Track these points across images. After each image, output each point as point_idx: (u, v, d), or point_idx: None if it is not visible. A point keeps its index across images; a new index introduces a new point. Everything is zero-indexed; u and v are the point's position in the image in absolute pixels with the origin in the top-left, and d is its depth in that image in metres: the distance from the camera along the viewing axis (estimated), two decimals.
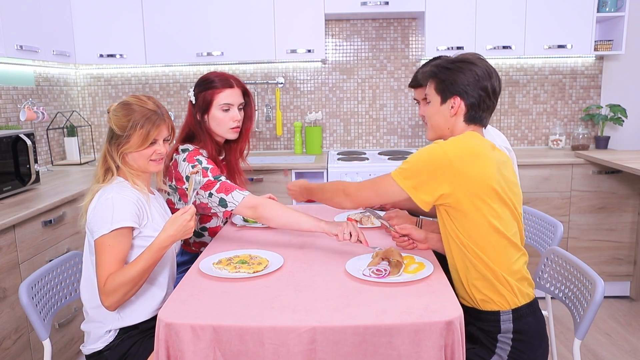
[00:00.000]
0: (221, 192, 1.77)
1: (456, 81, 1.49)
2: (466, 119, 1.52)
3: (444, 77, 1.52)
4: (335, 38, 3.57)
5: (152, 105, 1.57)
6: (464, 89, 1.49)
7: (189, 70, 3.57)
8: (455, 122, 1.53)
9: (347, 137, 3.68)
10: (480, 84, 1.48)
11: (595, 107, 3.52)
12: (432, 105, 1.57)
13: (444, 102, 1.53)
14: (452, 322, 1.20)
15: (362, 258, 1.59)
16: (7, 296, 1.92)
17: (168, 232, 1.47)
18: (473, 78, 1.48)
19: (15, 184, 2.30)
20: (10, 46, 2.43)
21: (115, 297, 1.43)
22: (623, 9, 3.16)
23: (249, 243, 1.82)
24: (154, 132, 1.54)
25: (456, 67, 1.50)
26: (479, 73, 1.48)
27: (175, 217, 1.49)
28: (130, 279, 1.42)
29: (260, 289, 1.40)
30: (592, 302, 1.41)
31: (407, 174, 1.45)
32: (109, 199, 1.49)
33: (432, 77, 1.56)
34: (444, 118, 1.54)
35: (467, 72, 1.48)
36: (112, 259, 1.44)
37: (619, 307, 3.09)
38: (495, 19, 3.14)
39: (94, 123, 3.66)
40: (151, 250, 1.46)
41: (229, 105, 1.93)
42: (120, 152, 1.55)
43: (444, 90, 1.52)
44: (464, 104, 1.50)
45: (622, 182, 3.06)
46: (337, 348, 1.19)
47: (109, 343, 1.55)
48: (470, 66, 1.49)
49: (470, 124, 1.53)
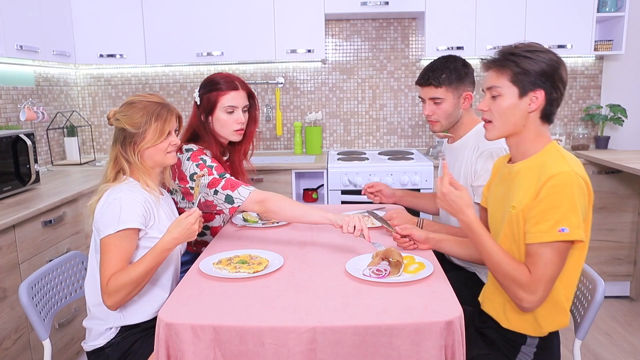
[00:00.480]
0: (227, 189, 1.78)
1: (539, 71, 1.34)
2: (542, 115, 1.38)
3: (526, 66, 1.34)
4: (335, 38, 3.56)
5: (158, 98, 1.61)
6: (547, 80, 1.34)
7: (189, 70, 3.57)
8: (531, 119, 1.38)
9: (347, 137, 3.68)
10: (559, 75, 1.35)
11: (595, 107, 3.52)
12: (505, 99, 1.38)
13: (523, 95, 1.36)
14: (452, 322, 1.20)
15: (362, 258, 1.59)
16: (7, 296, 1.92)
17: (172, 234, 1.48)
18: (553, 67, 1.34)
19: (15, 184, 2.30)
20: (10, 46, 2.43)
21: (117, 297, 1.43)
22: (623, 9, 3.15)
23: (249, 243, 1.82)
24: (168, 124, 1.58)
25: (535, 56, 1.34)
26: (557, 62, 1.35)
27: (180, 219, 1.49)
28: (133, 279, 1.43)
29: (260, 289, 1.40)
30: (593, 302, 1.41)
31: (576, 220, 1.26)
32: (117, 199, 1.49)
33: (506, 66, 1.37)
34: (521, 114, 1.37)
35: (547, 60, 1.34)
36: (116, 259, 1.45)
37: (619, 307, 3.09)
38: (495, 19, 3.14)
39: (94, 123, 3.65)
40: (154, 252, 1.46)
41: (233, 107, 1.92)
42: (137, 150, 1.57)
43: (523, 82, 1.35)
44: (545, 98, 1.36)
45: (622, 182, 3.05)
46: (337, 348, 1.19)
47: (110, 340, 1.55)
48: (549, 55, 1.35)
49: (545, 122, 1.39)
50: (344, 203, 2.99)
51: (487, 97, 1.44)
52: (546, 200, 1.27)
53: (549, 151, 1.38)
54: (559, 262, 1.29)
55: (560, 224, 1.26)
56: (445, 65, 1.90)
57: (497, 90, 1.39)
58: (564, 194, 1.26)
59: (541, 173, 1.32)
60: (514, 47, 1.40)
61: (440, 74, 1.89)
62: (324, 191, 3.12)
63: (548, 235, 1.27)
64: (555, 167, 1.29)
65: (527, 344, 1.42)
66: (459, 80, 1.89)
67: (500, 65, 1.39)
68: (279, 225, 2.03)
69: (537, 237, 1.28)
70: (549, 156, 1.36)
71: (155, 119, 1.56)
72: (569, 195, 1.26)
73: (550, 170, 1.29)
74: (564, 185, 1.26)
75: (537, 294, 1.30)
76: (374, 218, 2.02)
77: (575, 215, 1.26)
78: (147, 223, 1.54)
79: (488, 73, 1.44)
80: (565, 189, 1.26)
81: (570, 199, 1.26)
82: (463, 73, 1.90)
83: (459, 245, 1.69)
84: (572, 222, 1.25)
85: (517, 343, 1.43)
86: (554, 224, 1.26)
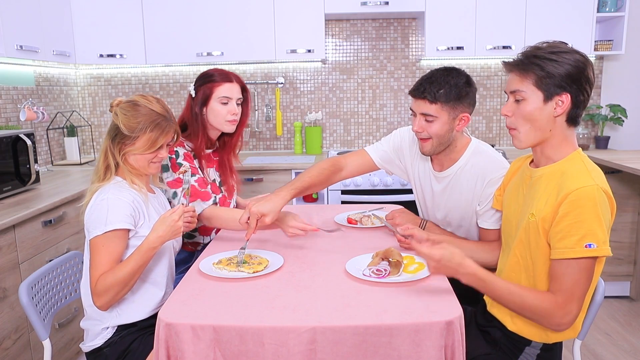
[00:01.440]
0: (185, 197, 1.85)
1: (565, 74, 1.27)
2: (568, 118, 1.32)
3: (551, 69, 1.28)
4: (335, 38, 3.56)
5: (161, 108, 1.57)
6: (573, 83, 1.28)
7: (189, 70, 3.57)
8: (557, 123, 1.32)
9: (347, 137, 3.68)
10: (586, 76, 1.29)
11: (595, 107, 3.52)
12: (530, 103, 1.32)
13: (548, 100, 1.30)
14: (452, 322, 1.19)
15: (362, 258, 1.59)
16: (7, 296, 1.92)
17: (157, 232, 1.47)
18: (578, 69, 1.28)
19: (15, 184, 2.30)
20: (10, 46, 2.43)
21: (106, 297, 1.43)
22: (623, 9, 3.16)
23: (249, 243, 1.82)
24: (162, 139, 1.56)
25: (561, 58, 1.28)
26: (584, 62, 1.28)
27: (164, 217, 1.49)
28: (121, 279, 1.43)
29: (260, 289, 1.40)
30: (593, 302, 1.41)
31: (602, 235, 1.22)
32: (104, 200, 1.49)
33: (530, 69, 1.30)
34: (546, 119, 1.31)
35: (572, 62, 1.28)
36: (104, 260, 1.45)
37: (619, 307, 3.09)
38: (495, 19, 3.13)
39: (94, 123, 3.65)
40: (140, 251, 1.46)
41: (227, 98, 1.95)
42: (123, 152, 1.56)
43: (548, 86, 1.29)
44: (571, 101, 1.29)
45: (622, 182, 3.05)
46: (337, 348, 1.19)
47: (107, 340, 1.55)
48: (575, 55, 1.29)
49: (571, 125, 1.33)
50: (344, 203, 2.98)
51: (510, 101, 1.37)
52: (570, 215, 1.23)
53: (573, 160, 1.33)
54: (587, 278, 1.24)
55: (586, 239, 1.21)
56: (446, 79, 1.64)
57: (521, 94, 1.33)
58: (587, 208, 1.21)
59: (562, 184, 1.27)
60: (538, 48, 1.33)
61: (438, 89, 1.63)
62: (323, 191, 3.12)
63: (574, 252, 1.22)
64: (577, 181, 1.24)
65: (532, 345, 1.41)
66: (457, 99, 1.65)
67: (523, 69, 1.32)
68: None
69: (563, 252, 1.24)
70: (572, 166, 1.31)
71: (151, 129, 1.53)
72: (592, 208, 1.21)
73: (573, 184, 1.24)
74: (586, 199, 1.21)
75: (571, 314, 1.25)
76: (375, 218, 2.02)
77: (601, 229, 1.21)
78: (136, 222, 1.54)
79: (511, 76, 1.37)
80: (588, 203, 1.21)
81: (594, 212, 1.21)
82: (464, 92, 1.65)
83: (460, 245, 1.67)
84: (599, 238, 1.21)
85: (522, 344, 1.43)
86: (579, 239, 1.21)
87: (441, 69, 1.69)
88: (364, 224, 2.00)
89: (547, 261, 1.31)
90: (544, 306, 1.26)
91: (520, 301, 1.28)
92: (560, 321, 1.26)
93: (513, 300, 1.29)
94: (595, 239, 1.21)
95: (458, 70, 1.69)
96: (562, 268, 1.25)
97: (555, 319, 1.26)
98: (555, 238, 1.26)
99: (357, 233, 1.91)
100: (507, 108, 1.38)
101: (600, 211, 1.22)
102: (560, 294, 1.25)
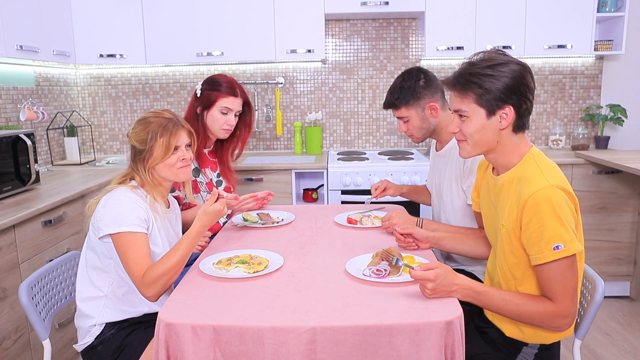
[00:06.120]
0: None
1: (503, 88, 1.29)
2: (514, 127, 1.34)
3: (489, 85, 1.29)
4: (335, 38, 3.56)
5: (168, 114, 1.63)
6: (513, 94, 1.29)
7: (189, 70, 3.57)
8: (504, 135, 1.35)
9: (347, 137, 3.68)
10: (526, 84, 1.30)
11: (595, 107, 3.52)
12: (474, 121, 1.34)
13: (491, 115, 1.32)
14: (452, 322, 1.20)
15: (362, 258, 1.59)
16: (7, 296, 1.92)
17: (202, 221, 1.54)
18: (516, 79, 1.29)
19: (15, 184, 2.30)
20: (10, 46, 2.43)
21: (157, 287, 1.46)
22: (623, 9, 3.16)
23: (249, 243, 1.82)
24: (174, 139, 1.60)
25: (497, 72, 1.29)
26: (521, 71, 1.30)
27: (206, 207, 1.55)
28: (171, 267, 1.46)
29: (260, 289, 1.40)
30: (592, 302, 1.41)
31: (567, 235, 1.23)
32: (120, 200, 1.52)
33: (469, 88, 1.32)
34: (492, 132, 1.34)
35: (509, 74, 1.29)
36: (141, 254, 1.48)
37: (619, 307, 3.09)
38: (495, 19, 3.14)
39: (94, 123, 3.65)
40: (189, 237, 1.51)
41: (228, 109, 2.11)
42: (147, 167, 1.60)
43: (489, 102, 1.31)
44: (515, 112, 1.31)
45: (622, 182, 3.05)
46: (337, 348, 1.19)
47: (98, 337, 1.55)
48: (511, 66, 1.30)
49: (518, 132, 1.35)
50: (344, 203, 2.98)
51: (456, 119, 1.40)
52: (533, 221, 1.25)
53: (526, 163, 1.35)
54: (572, 275, 1.26)
55: (552, 241, 1.23)
56: (400, 85, 1.92)
57: (464, 112, 1.35)
58: (545, 211, 1.23)
59: (520, 191, 1.30)
60: (472, 64, 1.34)
61: (396, 97, 1.93)
62: (324, 191, 3.12)
63: (545, 256, 1.25)
64: (532, 185, 1.26)
65: (530, 345, 1.42)
66: (415, 97, 1.91)
67: (461, 89, 1.34)
68: (279, 225, 2.04)
69: (537, 258, 1.27)
70: (526, 169, 1.34)
71: (160, 134, 1.58)
72: (550, 210, 1.23)
73: (528, 190, 1.26)
74: (544, 202, 1.23)
75: (569, 312, 1.27)
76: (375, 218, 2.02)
77: (564, 228, 1.23)
78: (148, 227, 1.56)
79: (451, 95, 1.39)
80: (545, 206, 1.23)
81: (553, 213, 1.23)
82: (419, 89, 1.90)
83: (459, 242, 1.73)
84: (564, 238, 1.23)
85: (519, 344, 1.43)
86: (546, 243, 1.24)
87: (398, 76, 1.97)
88: (364, 224, 2.00)
89: (528, 266, 1.34)
90: (541, 311, 1.28)
91: (517, 309, 1.31)
92: (561, 322, 1.28)
93: (509, 309, 1.31)
94: (561, 239, 1.23)
95: (410, 71, 1.96)
96: (544, 273, 1.27)
97: (555, 321, 1.29)
98: (527, 245, 1.30)
99: (357, 233, 1.91)
100: (454, 125, 1.41)
101: (559, 210, 1.23)
102: (553, 296, 1.27)
